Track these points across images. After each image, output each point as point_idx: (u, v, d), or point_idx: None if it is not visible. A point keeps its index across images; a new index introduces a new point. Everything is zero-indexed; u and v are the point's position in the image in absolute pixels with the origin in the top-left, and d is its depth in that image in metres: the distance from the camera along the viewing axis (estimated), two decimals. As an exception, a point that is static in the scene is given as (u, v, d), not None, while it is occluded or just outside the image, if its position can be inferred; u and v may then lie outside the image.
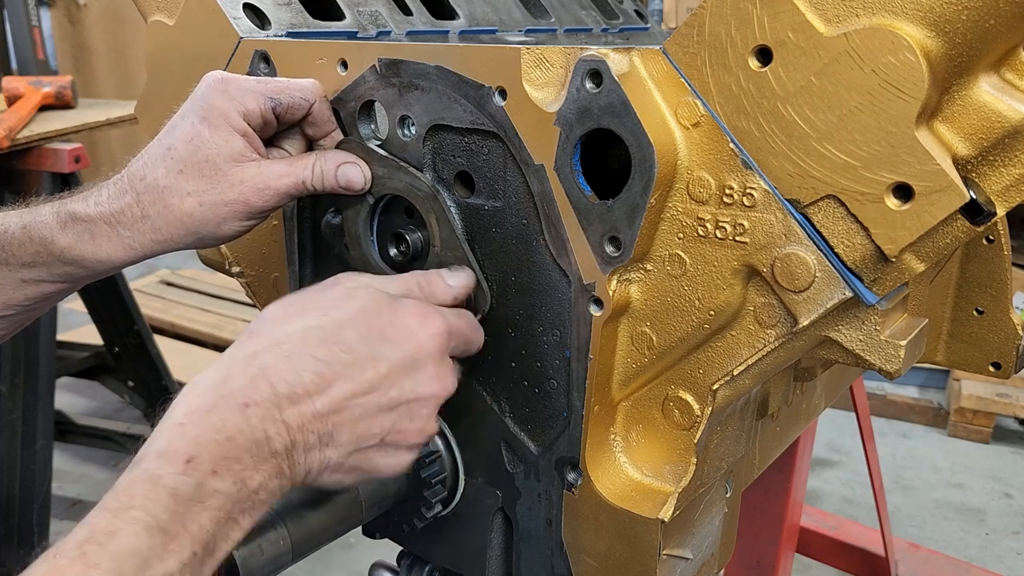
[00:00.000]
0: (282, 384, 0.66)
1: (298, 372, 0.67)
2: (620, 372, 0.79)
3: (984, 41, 0.61)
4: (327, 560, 2.91)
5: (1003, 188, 0.65)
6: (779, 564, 1.75)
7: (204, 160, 0.82)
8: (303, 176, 0.85)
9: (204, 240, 0.85)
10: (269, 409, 0.65)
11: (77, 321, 4.02)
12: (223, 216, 0.83)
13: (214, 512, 0.61)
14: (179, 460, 0.61)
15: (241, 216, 0.84)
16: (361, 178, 0.86)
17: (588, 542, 0.82)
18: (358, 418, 0.70)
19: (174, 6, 1.01)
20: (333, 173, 0.85)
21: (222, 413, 0.64)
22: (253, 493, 0.64)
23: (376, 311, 0.73)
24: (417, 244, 0.86)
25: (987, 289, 1.13)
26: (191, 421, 0.63)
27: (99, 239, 0.85)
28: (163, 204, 0.83)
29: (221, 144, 0.82)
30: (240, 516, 0.64)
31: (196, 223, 0.83)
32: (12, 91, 2.72)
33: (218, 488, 0.62)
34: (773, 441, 1.01)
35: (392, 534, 0.96)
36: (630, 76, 0.69)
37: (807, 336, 0.71)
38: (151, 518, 0.58)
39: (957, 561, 2.32)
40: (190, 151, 0.82)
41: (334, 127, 0.89)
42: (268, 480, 0.65)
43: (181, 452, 0.62)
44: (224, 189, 0.83)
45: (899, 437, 3.88)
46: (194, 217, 0.83)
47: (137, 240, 0.85)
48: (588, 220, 0.74)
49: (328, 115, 0.88)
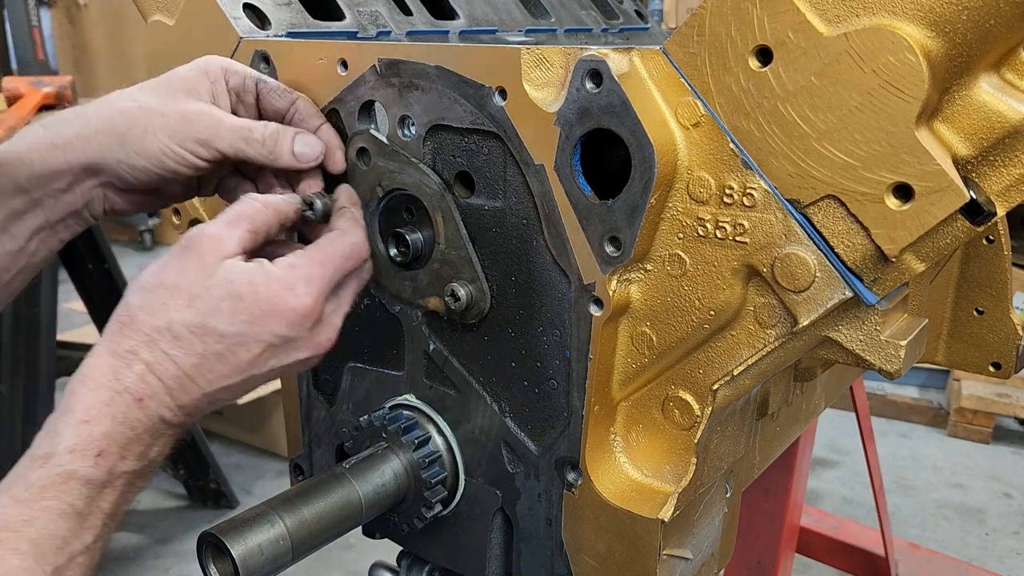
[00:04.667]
0: (168, 378, 0.73)
1: (179, 366, 0.73)
2: (620, 372, 0.79)
3: (984, 41, 0.61)
4: (327, 560, 2.91)
5: (1003, 188, 0.65)
6: (779, 564, 1.76)
7: (164, 81, 0.85)
8: (252, 125, 0.83)
9: (126, 146, 0.82)
10: (162, 398, 0.72)
11: (77, 321, 4.02)
12: (155, 125, 0.81)
13: (122, 489, 0.71)
14: (90, 455, 0.68)
15: (172, 133, 0.81)
16: (314, 152, 0.85)
17: (588, 542, 0.82)
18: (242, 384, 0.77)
19: (174, 6, 1.01)
20: (290, 139, 0.84)
21: (121, 408, 0.71)
22: (153, 461, 0.74)
23: (242, 295, 0.74)
24: (418, 244, 0.86)
25: (987, 289, 1.13)
26: (94, 417, 0.69)
27: (26, 137, 0.84)
28: (105, 101, 0.84)
29: (187, 77, 0.84)
30: (141, 481, 0.74)
31: (126, 122, 0.82)
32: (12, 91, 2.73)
33: (125, 469, 0.70)
34: (773, 441, 1.01)
35: (392, 534, 0.96)
36: (630, 76, 0.69)
37: (807, 336, 0.71)
38: (67, 506, 0.66)
39: (957, 561, 2.32)
40: (158, 78, 0.85)
41: (322, 121, 0.88)
42: (165, 446, 0.75)
43: (91, 448, 0.68)
44: (167, 102, 0.82)
45: (899, 437, 3.88)
46: (126, 115, 0.82)
47: (62, 134, 0.83)
48: (588, 220, 0.74)
49: (313, 111, 0.88)
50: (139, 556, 3.01)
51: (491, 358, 0.85)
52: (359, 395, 0.98)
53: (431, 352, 0.90)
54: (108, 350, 0.73)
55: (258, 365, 0.76)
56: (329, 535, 0.81)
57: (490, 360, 0.86)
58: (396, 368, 0.94)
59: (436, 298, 0.86)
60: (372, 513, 0.85)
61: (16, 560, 0.62)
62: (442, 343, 0.89)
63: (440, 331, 0.89)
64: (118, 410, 0.70)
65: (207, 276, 0.74)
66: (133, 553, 3.02)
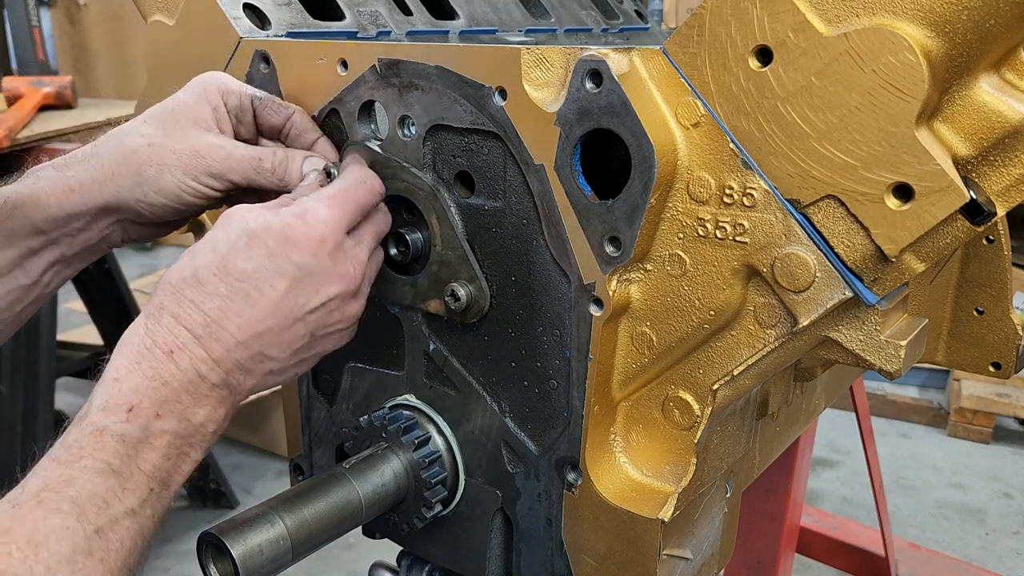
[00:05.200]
0: (196, 326, 0.71)
1: (204, 312, 0.72)
2: (620, 372, 0.79)
3: (984, 41, 0.61)
4: (327, 560, 2.91)
5: (1003, 188, 0.65)
6: (779, 564, 1.76)
7: (169, 113, 0.86)
8: (262, 154, 0.85)
9: (143, 185, 0.84)
10: (193, 350, 0.71)
11: (77, 321, 4.02)
12: (169, 163, 0.83)
13: (163, 450, 0.68)
14: (121, 410, 0.67)
15: (186, 169, 0.83)
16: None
17: (588, 542, 0.82)
18: (279, 332, 0.74)
19: (174, 6, 1.01)
20: (299, 164, 0.86)
21: (151, 363, 0.69)
22: (200, 427, 0.71)
23: (257, 232, 0.74)
24: (417, 243, 0.86)
25: (987, 289, 1.13)
26: (124, 375, 0.69)
27: (41, 181, 0.86)
28: (115, 141, 0.86)
29: (190, 105, 0.86)
30: (190, 449, 0.71)
31: (140, 161, 0.84)
32: (12, 91, 2.73)
33: (164, 428, 0.68)
34: (773, 441, 1.01)
35: (392, 534, 0.96)
36: (630, 76, 0.69)
37: (807, 336, 0.71)
38: (103, 464, 0.64)
39: (957, 561, 2.32)
40: (160, 108, 0.86)
41: (319, 135, 0.89)
42: (213, 411, 0.72)
43: (122, 403, 0.67)
44: (178, 138, 0.84)
45: (899, 437, 3.88)
46: (139, 155, 0.84)
47: (77, 178, 0.85)
48: (588, 220, 0.74)
49: (310, 125, 0.89)
50: (139, 556, 3.01)
51: (491, 358, 0.85)
52: (359, 395, 0.98)
53: (431, 352, 0.90)
54: (143, 313, 0.73)
55: (290, 306, 0.74)
56: (329, 535, 0.81)
57: (490, 360, 0.86)
58: (396, 368, 0.94)
59: (437, 301, 0.86)
60: (372, 513, 0.85)
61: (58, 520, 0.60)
62: (442, 343, 0.89)
63: (440, 331, 0.89)
64: (148, 365, 0.69)
65: (226, 225, 0.75)
66: (133, 553, 3.01)
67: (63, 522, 0.60)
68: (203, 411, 0.71)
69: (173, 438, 0.69)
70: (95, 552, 0.61)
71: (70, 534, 0.60)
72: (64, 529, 0.60)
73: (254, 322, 0.73)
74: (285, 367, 0.76)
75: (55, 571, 0.59)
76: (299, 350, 0.76)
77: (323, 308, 0.76)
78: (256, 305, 0.73)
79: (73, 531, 0.60)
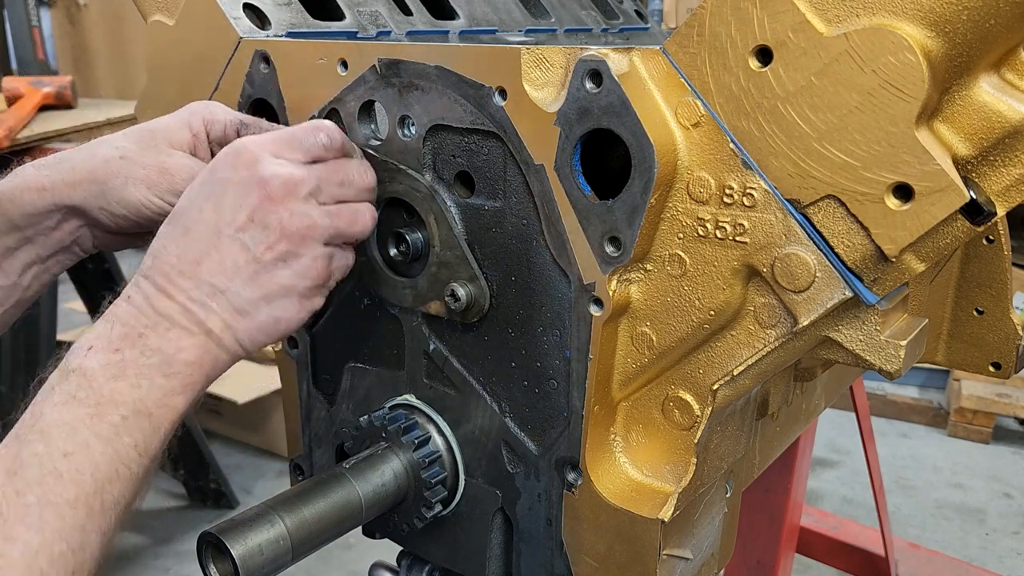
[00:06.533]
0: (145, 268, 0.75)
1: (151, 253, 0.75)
2: (620, 372, 0.79)
3: (984, 41, 0.61)
4: (327, 560, 2.91)
5: (1003, 188, 0.66)
6: (779, 564, 1.76)
7: (148, 131, 0.88)
8: None
9: (107, 195, 0.86)
10: (143, 286, 0.74)
11: (77, 321, 4.02)
12: (136, 177, 0.85)
13: (130, 379, 0.70)
14: (82, 351, 0.71)
15: (151, 185, 0.85)
16: None
17: (588, 542, 0.82)
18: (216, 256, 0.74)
19: (174, 6, 1.01)
20: None
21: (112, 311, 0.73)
22: (169, 356, 0.72)
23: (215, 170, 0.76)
24: (417, 244, 0.86)
25: (987, 289, 1.13)
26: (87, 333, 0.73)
27: (17, 178, 0.88)
28: (90, 150, 0.88)
29: (171, 127, 0.88)
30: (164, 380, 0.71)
31: (108, 172, 0.86)
32: (12, 91, 2.73)
33: (123, 359, 0.70)
34: (773, 441, 1.01)
35: (392, 534, 0.96)
36: (630, 76, 0.69)
37: (807, 336, 0.71)
38: (67, 396, 0.68)
39: (957, 561, 2.32)
40: (142, 125, 0.89)
41: None
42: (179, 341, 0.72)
43: (83, 346, 0.71)
44: (149, 153, 0.86)
45: (899, 437, 3.88)
46: (109, 165, 0.86)
47: (51, 177, 0.87)
48: (588, 220, 0.74)
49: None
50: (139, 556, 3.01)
51: (491, 358, 0.85)
52: (359, 395, 0.98)
53: (431, 352, 0.90)
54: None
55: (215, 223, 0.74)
56: (329, 535, 0.81)
57: (490, 360, 0.86)
58: (396, 368, 0.94)
59: (437, 302, 0.86)
60: (372, 513, 0.85)
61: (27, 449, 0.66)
62: (442, 343, 0.89)
63: (440, 331, 0.89)
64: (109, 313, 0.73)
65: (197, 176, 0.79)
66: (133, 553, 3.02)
67: (31, 449, 0.66)
68: (168, 342, 0.72)
69: (137, 368, 0.71)
70: (64, 474, 0.65)
71: (37, 459, 0.65)
72: (33, 455, 0.65)
73: (189, 249, 0.74)
74: (249, 302, 0.75)
75: (24, 493, 0.63)
76: (251, 279, 0.74)
77: (253, 224, 0.74)
78: (190, 233, 0.75)
79: (40, 456, 0.65)
